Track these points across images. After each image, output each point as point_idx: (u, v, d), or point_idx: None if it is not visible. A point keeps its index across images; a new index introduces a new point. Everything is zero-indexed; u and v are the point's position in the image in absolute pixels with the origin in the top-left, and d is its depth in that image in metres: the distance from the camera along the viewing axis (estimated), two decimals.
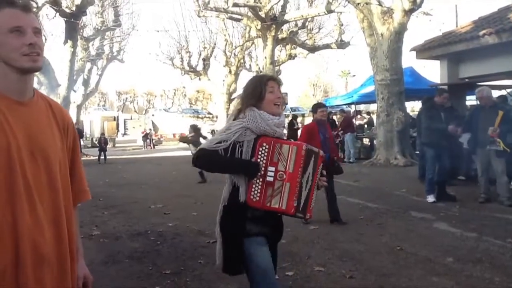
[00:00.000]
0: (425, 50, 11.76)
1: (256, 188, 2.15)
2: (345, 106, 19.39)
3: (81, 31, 21.75)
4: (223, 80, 26.92)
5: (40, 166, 1.44)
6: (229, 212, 2.25)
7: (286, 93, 23.92)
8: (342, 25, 22.73)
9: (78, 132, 1.81)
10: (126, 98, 58.60)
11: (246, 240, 2.19)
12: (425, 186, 7.08)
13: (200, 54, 26.35)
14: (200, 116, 37.05)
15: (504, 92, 10.39)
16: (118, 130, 36.41)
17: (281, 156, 2.15)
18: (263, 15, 18.70)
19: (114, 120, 35.68)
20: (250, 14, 19.36)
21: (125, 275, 4.07)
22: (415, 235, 5.09)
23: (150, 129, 31.17)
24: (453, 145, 7.16)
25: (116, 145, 29.94)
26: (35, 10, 14.05)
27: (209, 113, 39.66)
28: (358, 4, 12.65)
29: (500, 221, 5.60)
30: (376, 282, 3.70)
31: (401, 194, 7.76)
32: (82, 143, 24.09)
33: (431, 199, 6.84)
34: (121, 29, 25.55)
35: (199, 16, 22.13)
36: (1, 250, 1.35)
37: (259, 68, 20.14)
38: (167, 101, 57.33)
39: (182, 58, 26.05)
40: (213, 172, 2.41)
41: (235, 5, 18.74)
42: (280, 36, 20.94)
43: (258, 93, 2.28)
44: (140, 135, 29.87)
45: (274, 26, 19.20)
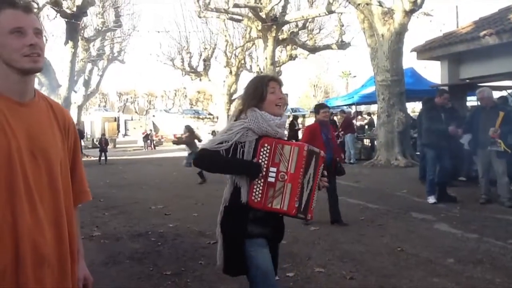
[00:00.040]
0: (426, 51, 11.75)
1: (258, 189, 2.14)
2: (346, 107, 19.38)
3: (82, 32, 21.76)
4: (224, 81, 26.96)
5: (41, 167, 1.44)
6: (230, 213, 2.24)
7: (286, 94, 23.88)
8: (343, 26, 22.75)
9: (79, 133, 1.80)
10: (127, 99, 58.68)
11: (247, 242, 2.19)
12: (426, 187, 7.07)
13: (201, 55, 26.40)
14: (201, 117, 37.07)
15: (505, 93, 10.40)
16: (119, 131, 36.45)
17: (283, 157, 2.14)
18: (264, 16, 18.71)
19: (115, 121, 35.69)
20: (251, 15, 19.36)
21: (126, 276, 4.07)
22: (416, 236, 5.08)
23: (151, 130, 31.20)
24: (454, 146, 7.16)
25: (117, 146, 29.96)
26: (36, 11, 14.05)
27: (210, 114, 39.67)
28: (359, 5, 12.65)
29: (501, 222, 5.59)
30: (377, 283, 3.69)
31: (402, 195, 7.76)
32: (83, 144, 24.10)
33: (432, 200, 6.84)
34: (122, 30, 25.57)
35: (200, 17, 22.16)
36: (1, 250, 1.34)
37: (260, 69, 20.14)
38: (168, 102, 57.40)
39: (183, 59, 26.08)
40: (214, 173, 2.39)
41: (236, 6, 18.75)
42: (281, 37, 20.94)
43: (260, 94, 2.27)
44: (141, 136, 29.89)
45: (275, 27, 19.21)
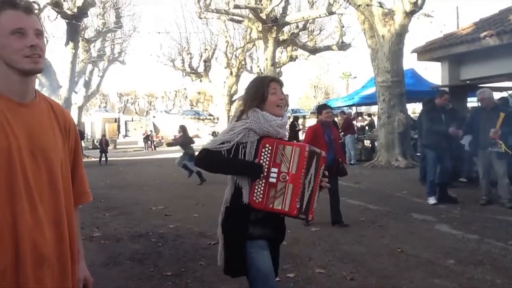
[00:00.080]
0: (426, 52, 11.76)
1: (259, 189, 2.14)
2: (346, 108, 19.39)
3: (83, 33, 21.78)
4: (224, 82, 27.00)
5: (41, 167, 1.44)
6: (231, 214, 2.24)
7: (287, 95, 23.89)
8: (343, 27, 22.75)
9: (79, 134, 1.80)
10: (127, 100, 58.77)
11: (248, 243, 2.18)
12: (426, 188, 7.07)
13: (201, 56, 26.43)
14: (201, 118, 37.12)
15: (506, 94, 10.39)
16: (119, 132, 36.52)
17: (284, 157, 2.14)
18: (264, 17, 18.72)
19: (115, 122, 35.77)
20: (251, 16, 19.38)
21: (126, 277, 4.06)
22: (416, 237, 5.08)
23: (151, 131, 31.26)
24: (454, 147, 7.16)
25: (117, 147, 29.97)
26: (37, 12, 14.06)
27: (210, 115, 39.73)
28: (359, 6, 12.65)
29: (502, 223, 5.59)
30: (377, 284, 3.69)
31: (402, 196, 7.75)
32: (83, 145, 24.10)
33: (432, 201, 6.83)
34: (123, 31, 25.58)
35: (200, 18, 22.19)
36: (1, 250, 1.34)
37: (260, 70, 20.16)
38: (168, 103, 57.48)
39: (183, 60, 26.11)
40: (216, 173, 2.39)
41: (236, 7, 18.78)
42: (281, 38, 20.96)
43: (261, 95, 2.27)
44: (141, 137, 29.93)
45: (275, 28, 19.23)
